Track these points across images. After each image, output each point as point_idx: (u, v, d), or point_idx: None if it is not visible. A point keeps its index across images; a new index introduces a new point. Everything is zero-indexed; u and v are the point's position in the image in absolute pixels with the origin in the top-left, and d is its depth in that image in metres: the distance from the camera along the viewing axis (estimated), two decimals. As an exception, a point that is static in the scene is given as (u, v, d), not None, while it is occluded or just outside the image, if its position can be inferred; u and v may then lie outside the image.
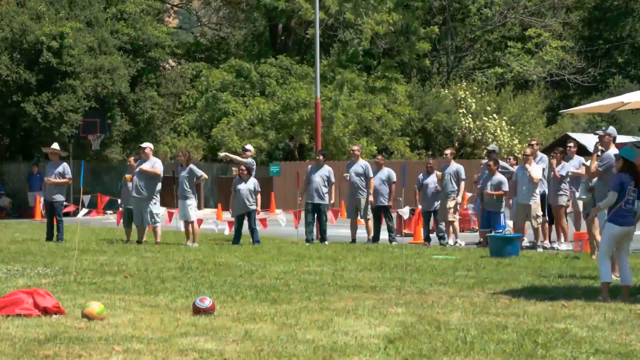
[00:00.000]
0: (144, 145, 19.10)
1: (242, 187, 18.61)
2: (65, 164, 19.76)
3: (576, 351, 7.25)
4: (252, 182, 18.76)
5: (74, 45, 33.31)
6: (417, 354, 7.12)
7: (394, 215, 20.03)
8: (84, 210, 20.37)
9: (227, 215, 26.22)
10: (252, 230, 18.62)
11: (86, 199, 22.06)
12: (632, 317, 8.99)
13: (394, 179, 19.54)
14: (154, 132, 39.11)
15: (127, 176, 18.84)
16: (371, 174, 19.21)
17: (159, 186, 18.50)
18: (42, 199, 20.11)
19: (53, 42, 32.88)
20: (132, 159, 19.33)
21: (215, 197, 38.89)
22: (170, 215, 21.51)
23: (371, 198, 19.05)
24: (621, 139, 34.49)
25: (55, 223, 19.26)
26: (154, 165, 18.50)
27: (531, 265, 13.93)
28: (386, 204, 19.26)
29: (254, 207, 18.64)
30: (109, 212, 25.59)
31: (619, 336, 7.92)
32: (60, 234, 19.14)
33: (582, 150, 35.14)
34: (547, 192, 17.90)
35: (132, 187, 18.53)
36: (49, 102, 32.96)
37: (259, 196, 18.81)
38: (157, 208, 18.44)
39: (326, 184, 18.99)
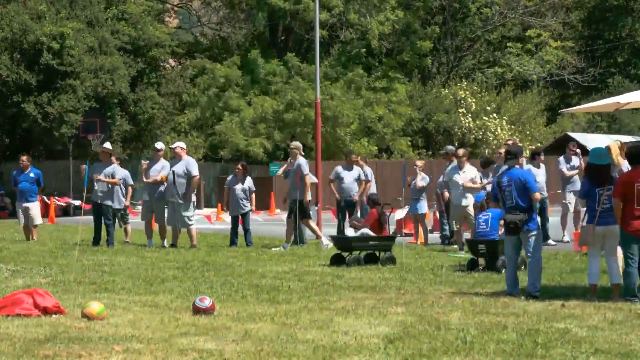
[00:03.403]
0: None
1: (237, 187, 18.43)
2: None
3: (576, 351, 7.26)
4: (248, 182, 18.54)
5: (74, 45, 33.34)
6: (417, 353, 7.12)
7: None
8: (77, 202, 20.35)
9: (227, 215, 26.22)
10: (246, 231, 18.45)
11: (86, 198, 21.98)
12: (632, 317, 9.00)
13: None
14: (154, 131, 39.12)
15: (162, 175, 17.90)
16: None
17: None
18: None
19: (53, 43, 32.90)
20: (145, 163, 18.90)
21: (217, 197, 38.90)
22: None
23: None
24: (621, 138, 34.38)
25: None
26: (188, 165, 17.87)
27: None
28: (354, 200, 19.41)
29: (248, 208, 18.50)
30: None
31: (619, 336, 7.93)
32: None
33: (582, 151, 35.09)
34: None
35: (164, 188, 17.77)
36: (49, 102, 32.97)
37: (253, 195, 18.71)
38: (191, 211, 17.79)
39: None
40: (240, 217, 18.41)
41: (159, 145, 18.57)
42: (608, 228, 10.35)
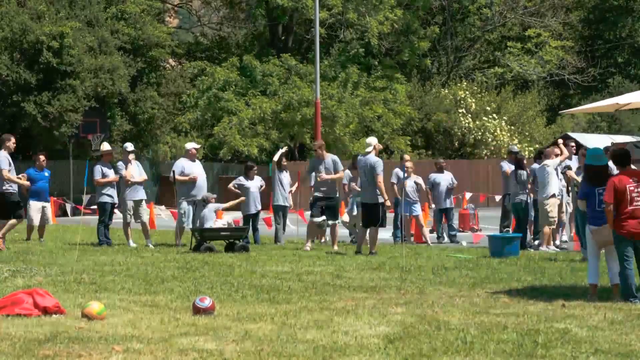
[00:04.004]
0: (188, 146, 18.40)
1: (252, 185, 18.51)
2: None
3: (576, 351, 7.26)
4: (259, 181, 18.70)
5: (74, 45, 33.34)
6: (417, 353, 7.12)
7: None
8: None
9: (227, 215, 26.20)
10: (255, 229, 18.60)
11: (86, 198, 21.99)
12: (632, 317, 9.00)
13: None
14: (154, 131, 39.13)
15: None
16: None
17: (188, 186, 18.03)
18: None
19: (53, 42, 32.90)
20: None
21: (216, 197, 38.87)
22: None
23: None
24: (621, 139, 34.37)
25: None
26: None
27: (531, 265, 13.94)
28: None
29: (260, 206, 18.66)
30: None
31: (619, 336, 7.93)
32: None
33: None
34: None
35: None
36: (49, 102, 32.98)
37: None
38: (182, 209, 17.81)
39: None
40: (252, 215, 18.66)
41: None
42: (607, 227, 10.37)
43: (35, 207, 19.37)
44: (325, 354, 7.09)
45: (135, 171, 18.30)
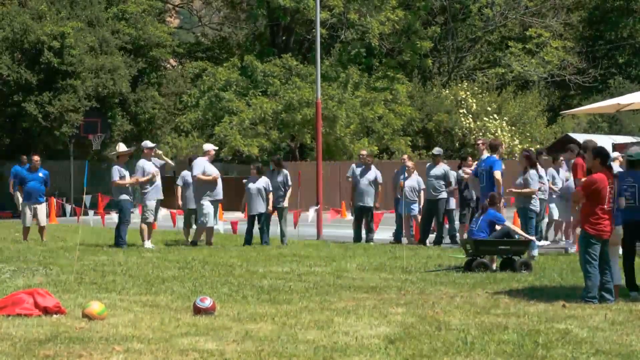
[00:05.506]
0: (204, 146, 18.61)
1: (252, 186, 18.46)
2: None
3: (576, 351, 7.26)
4: (263, 182, 18.53)
5: (75, 45, 33.35)
6: (418, 354, 7.12)
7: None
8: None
9: (228, 215, 26.21)
10: (262, 230, 18.50)
11: (87, 199, 21.94)
12: (632, 317, 9.00)
13: (380, 180, 19.56)
14: (154, 131, 39.12)
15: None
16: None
17: (210, 186, 17.97)
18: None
19: (54, 42, 32.92)
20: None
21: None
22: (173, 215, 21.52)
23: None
24: (621, 139, 34.35)
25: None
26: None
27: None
28: (371, 204, 19.29)
29: (264, 208, 18.47)
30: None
31: (620, 336, 7.93)
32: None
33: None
34: None
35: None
36: (49, 101, 32.98)
37: (270, 195, 18.55)
38: (206, 209, 17.85)
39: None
40: (257, 216, 18.55)
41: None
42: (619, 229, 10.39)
43: (26, 208, 19.22)
44: (325, 354, 7.09)
45: (152, 169, 18.05)
